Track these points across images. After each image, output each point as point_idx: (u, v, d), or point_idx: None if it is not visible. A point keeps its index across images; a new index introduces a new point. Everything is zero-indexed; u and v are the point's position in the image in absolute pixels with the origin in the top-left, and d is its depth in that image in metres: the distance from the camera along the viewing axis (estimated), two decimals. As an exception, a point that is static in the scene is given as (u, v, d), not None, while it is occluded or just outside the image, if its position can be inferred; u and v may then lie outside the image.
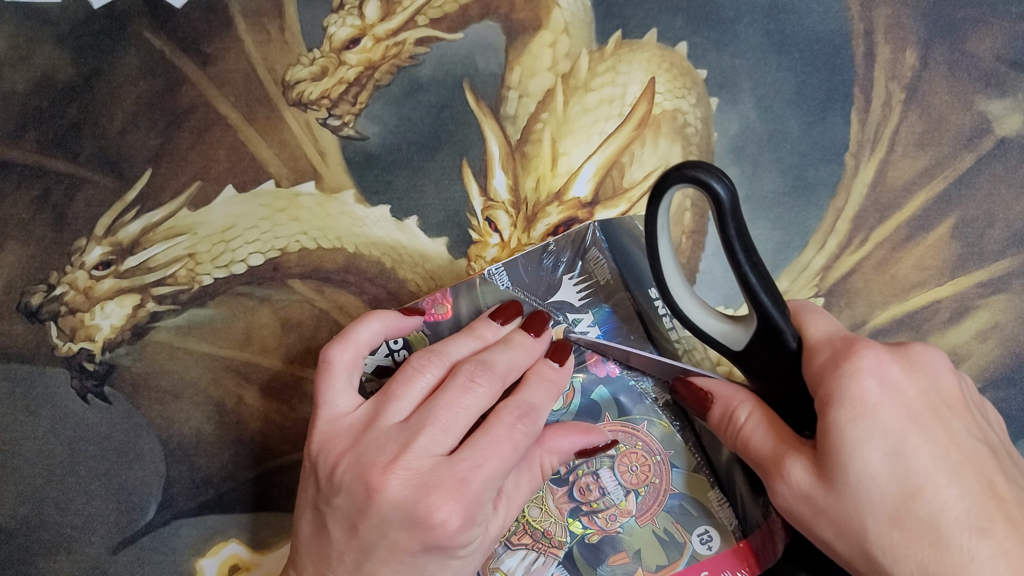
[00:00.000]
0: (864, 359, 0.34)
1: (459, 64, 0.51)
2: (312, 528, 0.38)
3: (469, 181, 0.50)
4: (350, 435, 0.37)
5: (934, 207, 0.48)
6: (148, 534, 0.49)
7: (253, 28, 0.52)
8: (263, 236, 0.50)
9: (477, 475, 0.36)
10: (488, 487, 0.36)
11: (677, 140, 0.50)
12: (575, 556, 0.41)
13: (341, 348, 0.39)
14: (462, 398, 0.37)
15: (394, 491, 0.35)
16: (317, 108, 0.51)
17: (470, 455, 0.37)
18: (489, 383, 0.38)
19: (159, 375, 0.50)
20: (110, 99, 0.51)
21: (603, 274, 0.41)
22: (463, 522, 0.35)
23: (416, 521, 0.35)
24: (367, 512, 0.36)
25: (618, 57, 0.50)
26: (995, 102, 0.49)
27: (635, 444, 0.41)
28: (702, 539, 0.41)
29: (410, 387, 0.38)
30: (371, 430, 0.37)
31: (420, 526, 0.35)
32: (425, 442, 0.36)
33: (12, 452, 0.49)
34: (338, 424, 0.38)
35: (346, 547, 0.36)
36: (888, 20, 0.50)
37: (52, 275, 0.50)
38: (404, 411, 0.38)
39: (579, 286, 0.41)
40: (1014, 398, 0.47)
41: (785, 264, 0.48)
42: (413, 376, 0.38)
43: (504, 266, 0.42)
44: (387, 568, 0.36)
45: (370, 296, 0.50)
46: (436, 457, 0.36)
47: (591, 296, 0.41)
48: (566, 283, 0.42)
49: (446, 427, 0.37)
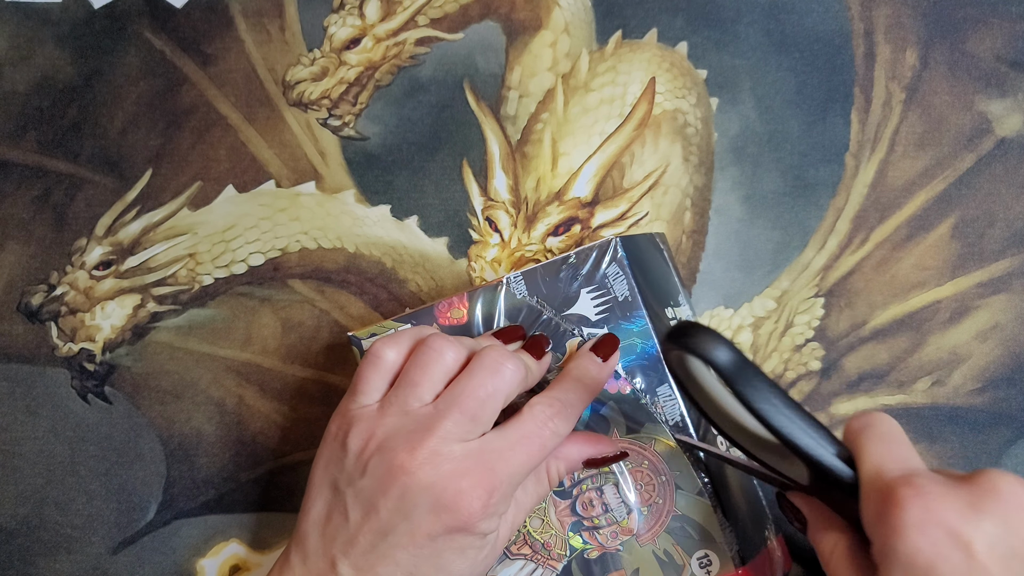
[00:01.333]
0: (909, 511, 0.29)
1: (459, 64, 0.51)
2: (327, 509, 0.37)
3: (469, 181, 0.50)
4: (379, 418, 0.37)
5: (934, 207, 0.48)
6: (149, 534, 0.49)
7: (253, 28, 0.52)
8: (263, 236, 0.50)
9: (505, 467, 0.36)
10: (513, 480, 0.36)
11: (677, 140, 0.50)
12: (572, 570, 0.41)
13: (395, 347, 0.39)
14: (489, 381, 0.37)
15: (424, 474, 0.35)
16: (317, 108, 0.51)
17: (500, 446, 0.37)
18: (515, 367, 0.38)
19: (160, 375, 0.50)
20: (110, 99, 0.51)
21: (622, 290, 0.41)
22: (488, 508, 0.35)
23: (443, 504, 0.35)
24: (391, 494, 0.35)
25: (618, 57, 0.50)
26: (995, 102, 0.49)
27: (642, 463, 0.41)
28: (701, 563, 0.40)
29: (428, 372, 0.38)
30: (399, 414, 0.37)
31: (446, 509, 0.35)
32: (453, 427, 0.36)
33: (12, 452, 0.49)
34: (368, 410, 0.38)
35: (362, 528, 0.36)
36: (888, 20, 0.50)
37: (52, 275, 0.50)
38: (427, 396, 0.37)
39: (596, 300, 0.41)
40: (1014, 398, 0.47)
41: (785, 264, 0.48)
42: (432, 359, 0.38)
43: (523, 275, 0.42)
44: (402, 551, 0.35)
45: (371, 296, 0.50)
46: (465, 443, 0.36)
47: (608, 311, 0.41)
48: (584, 296, 0.41)
49: (474, 415, 0.37)
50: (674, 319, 0.42)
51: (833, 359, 0.48)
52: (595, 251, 0.41)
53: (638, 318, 0.41)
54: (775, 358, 0.48)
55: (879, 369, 0.47)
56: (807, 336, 0.48)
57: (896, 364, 0.48)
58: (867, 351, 0.48)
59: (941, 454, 0.47)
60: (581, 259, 0.41)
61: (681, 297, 0.44)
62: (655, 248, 0.44)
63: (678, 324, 0.33)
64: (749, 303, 0.48)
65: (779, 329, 0.48)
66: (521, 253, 0.49)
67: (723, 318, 0.48)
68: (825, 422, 0.47)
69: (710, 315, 0.48)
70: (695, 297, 0.49)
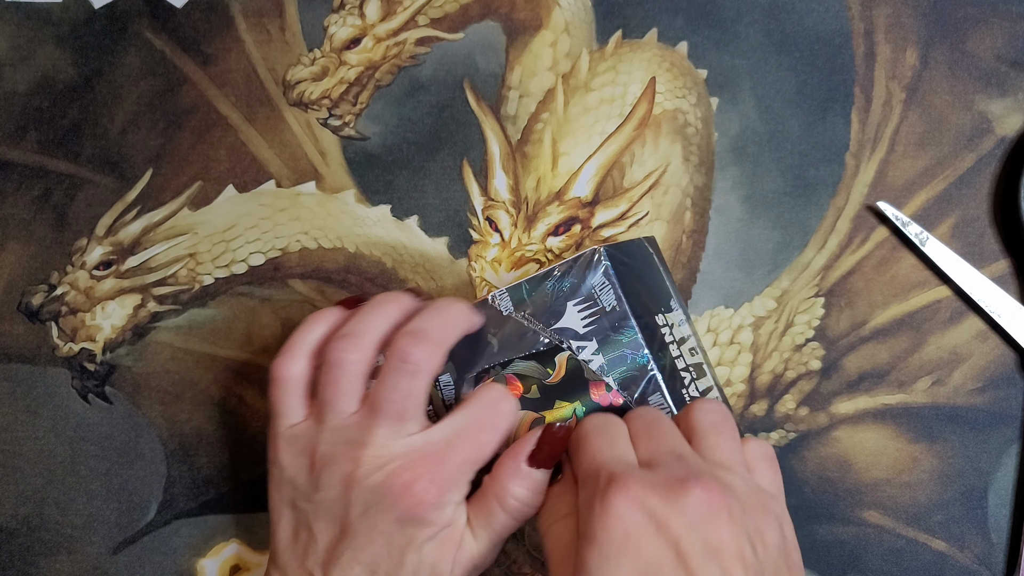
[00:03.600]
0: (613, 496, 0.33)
1: (460, 64, 0.51)
2: (292, 527, 0.38)
3: (470, 181, 0.50)
4: (315, 434, 0.38)
5: (934, 207, 0.48)
6: (149, 534, 0.49)
7: (254, 28, 0.52)
8: (264, 236, 0.50)
9: (453, 455, 0.37)
10: (463, 469, 0.37)
11: (678, 140, 0.50)
12: None
13: (290, 362, 0.40)
14: (401, 384, 0.37)
15: (372, 480, 0.36)
16: (318, 108, 0.51)
17: (444, 436, 0.37)
18: (428, 354, 0.38)
19: (160, 375, 0.50)
20: (111, 99, 0.52)
21: (609, 301, 0.41)
22: (438, 493, 0.36)
23: (394, 496, 0.36)
24: (348, 503, 0.36)
25: (619, 57, 0.50)
26: (995, 102, 0.49)
27: None
28: None
29: (339, 388, 0.38)
30: (331, 429, 0.38)
31: (397, 499, 0.36)
32: (385, 431, 0.37)
33: (13, 452, 0.49)
34: (299, 427, 0.39)
35: (327, 539, 0.37)
36: (888, 20, 0.50)
37: (53, 275, 0.50)
38: (349, 407, 0.38)
39: (584, 313, 0.41)
40: (1014, 398, 0.47)
41: (786, 264, 0.48)
42: (337, 375, 0.38)
43: (508, 291, 0.42)
44: (365, 552, 0.36)
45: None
46: (407, 439, 0.37)
47: (595, 323, 0.41)
48: (570, 309, 0.41)
49: (399, 416, 0.37)
50: (665, 325, 0.42)
51: (833, 359, 0.48)
52: (579, 262, 0.41)
53: (627, 328, 0.40)
54: (775, 358, 0.48)
55: (879, 369, 0.48)
56: (807, 336, 0.48)
57: (896, 364, 0.48)
58: (867, 351, 0.48)
59: (941, 454, 0.47)
60: (565, 271, 0.41)
61: (673, 302, 0.44)
62: (644, 253, 0.43)
63: None
64: (749, 303, 0.48)
65: (779, 329, 0.48)
66: (521, 253, 0.49)
67: (723, 318, 0.48)
68: (825, 422, 0.47)
69: (710, 315, 0.49)
70: (695, 297, 0.49)
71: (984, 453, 0.47)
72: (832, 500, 0.47)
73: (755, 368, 0.48)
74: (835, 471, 0.47)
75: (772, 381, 0.48)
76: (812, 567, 0.47)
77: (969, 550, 0.46)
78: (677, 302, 0.44)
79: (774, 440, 0.47)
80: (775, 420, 0.48)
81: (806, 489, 0.47)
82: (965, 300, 0.47)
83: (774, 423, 0.48)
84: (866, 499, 0.47)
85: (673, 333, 0.42)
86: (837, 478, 0.47)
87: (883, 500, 0.47)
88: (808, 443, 0.47)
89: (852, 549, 0.47)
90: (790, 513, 0.36)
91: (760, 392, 0.48)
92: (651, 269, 0.43)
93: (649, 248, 0.44)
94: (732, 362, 0.48)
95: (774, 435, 0.48)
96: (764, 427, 0.48)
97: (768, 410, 0.48)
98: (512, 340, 0.41)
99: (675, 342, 0.42)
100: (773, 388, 0.48)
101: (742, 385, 0.48)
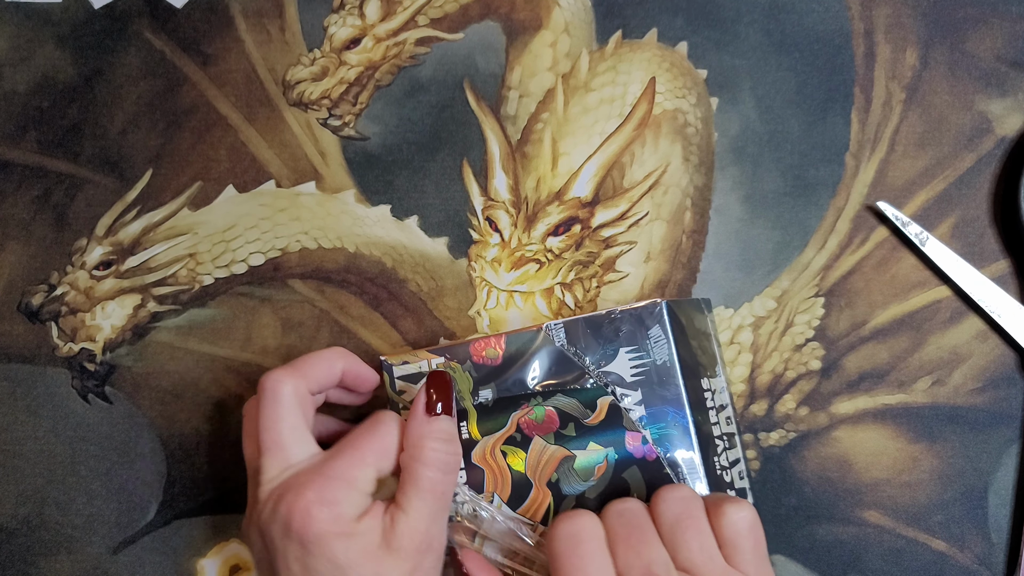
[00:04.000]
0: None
1: (459, 64, 0.51)
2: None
3: (470, 181, 0.50)
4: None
5: (934, 207, 0.48)
6: (149, 534, 0.49)
7: (253, 28, 0.52)
8: (264, 236, 0.50)
9: (332, 466, 0.38)
10: (343, 473, 0.38)
11: (678, 140, 0.50)
12: None
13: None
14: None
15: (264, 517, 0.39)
16: (318, 108, 0.51)
17: (329, 455, 0.39)
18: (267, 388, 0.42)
19: (160, 375, 0.50)
20: (111, 99, 0.52)
21: (661, 355, 0.41)
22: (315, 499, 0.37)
23: (289, 526, 0.37)
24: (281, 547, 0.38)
25: (618, 57, 0.50)
26: (995, 102, 0.49)
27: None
28: None
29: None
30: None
31: (289, 528, 0.37)
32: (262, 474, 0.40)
33: (13, 452, 0.49)
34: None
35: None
36: (888, 20, 0.50)
37: (53, 275, 0.50)
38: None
39: (634, 362, 0.41)
40: (1014, 398, 0.47)
41: (786, 264, 0.48)
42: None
43: (564, 324, 0.42)
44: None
45: (371, 296, 0.50)
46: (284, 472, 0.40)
47: (644, 374, 0.41)
48: (622, 355, 0.41)
49: (249, 457, 0.42)
50: (709, 390, 0.42)
51: (833, 359, 0.48)
52: (640, 312, 0.41)
53: (673, 385, 0.40)
54: (775, 358, 0.48)
55: (879, 368, 0.48)
56: (807, 336, 0.48)
57: (896, 364, 0.48)
58: (867, 351, 0.48)
59: (941, 454, 0.47)
60: (624, 317, 0.41)
61: (718, 367, 0.44)
62: (701, 315, 0.44)
63: None
64: (749, 303, 0.48)
65: (779, 329, 0.48)
66: (521, 253, 0.49)
67: (723, 318, 0.48)
68: (825, 422, 0.47)
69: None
70: (695, 297, 0.49)
71: (984, 453, 0.47)
72: (832, 500, 0.47)
73: (755, 368, 0.48)
74: (835, 471, 0.47)
75: (772, 381, 0.48)
76: (812, 567, 0.47)
77: (969, 550, 0.46)
78: (721, 368, 0.44)
79: (774, 440, 0.47)
80: (775, 420, 0.48)
81: (806, 489, 0.47)
82: (965, 300, 0.47)
83: (774, 423, 0.48)
84: (866, 499, 0.47)
85: (715, 399, 0.43)
86: (837, 478, 0.47)
87: (883, 500, 0.47)
88: (808, 443, 0.47)
89: (852, 549, 0.47)
90: (790, 513, 0.36)
91: (760, 392, 0.48)
92: (705, 331, 0.44)
93: (706, 309, 0.45)
94: (732, 362, 0.48)
95: (774, 435, 0.48)
96: (764, 427, 0.48)
97: (768, 410, 0.48)
98: (559, 374, 0.42)
99: (715, 408, 0.42)
100: (773, 388, 0.48)
101: (742, 385, 0.48)
